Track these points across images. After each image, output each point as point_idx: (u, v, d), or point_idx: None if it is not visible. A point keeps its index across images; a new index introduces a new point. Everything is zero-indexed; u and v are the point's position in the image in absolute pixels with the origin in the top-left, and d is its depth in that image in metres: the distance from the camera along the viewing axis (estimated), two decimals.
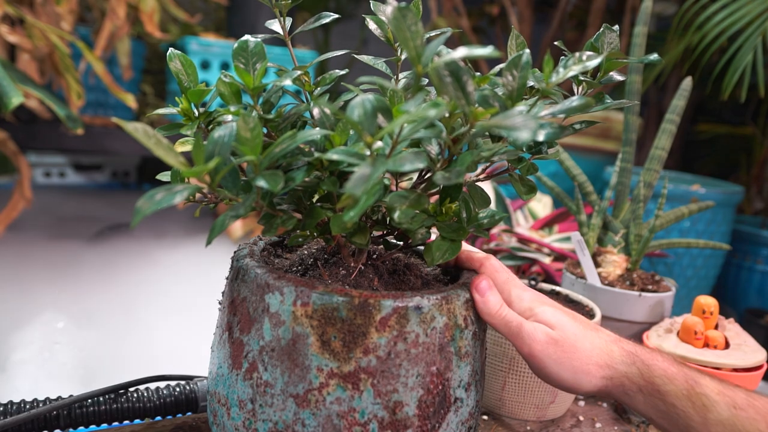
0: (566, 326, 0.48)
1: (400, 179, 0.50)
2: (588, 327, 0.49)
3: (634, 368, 0.47)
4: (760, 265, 1.87)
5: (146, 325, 1.42)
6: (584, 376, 0.47)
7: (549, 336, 0.47)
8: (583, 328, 0.49)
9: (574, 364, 0.47)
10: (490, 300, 0.47)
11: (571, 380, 0.47)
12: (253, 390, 0.43)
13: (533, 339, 0.47)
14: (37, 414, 0.54)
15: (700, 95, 2.45)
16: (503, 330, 0.48)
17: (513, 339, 0.48)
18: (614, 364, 0.48)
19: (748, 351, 0.70)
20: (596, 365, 0.47)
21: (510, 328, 0.48)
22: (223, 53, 1.87)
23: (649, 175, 0.88)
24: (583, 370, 0.47)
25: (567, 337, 0.47)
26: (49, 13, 1.51)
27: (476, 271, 0.51)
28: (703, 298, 0.75)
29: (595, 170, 1.82)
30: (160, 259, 1.81)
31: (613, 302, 0.80)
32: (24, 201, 1.55)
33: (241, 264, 0.46)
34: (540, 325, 0.48)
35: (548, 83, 0.41)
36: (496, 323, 0.48)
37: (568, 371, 0.47)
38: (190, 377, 0.65)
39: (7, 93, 1.21)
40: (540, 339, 0.47)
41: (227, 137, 0.37)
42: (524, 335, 0.47)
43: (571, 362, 0.47)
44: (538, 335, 0.47)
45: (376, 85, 0.41)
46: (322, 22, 0.51)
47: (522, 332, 0.47)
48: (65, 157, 2.59)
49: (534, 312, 0.49)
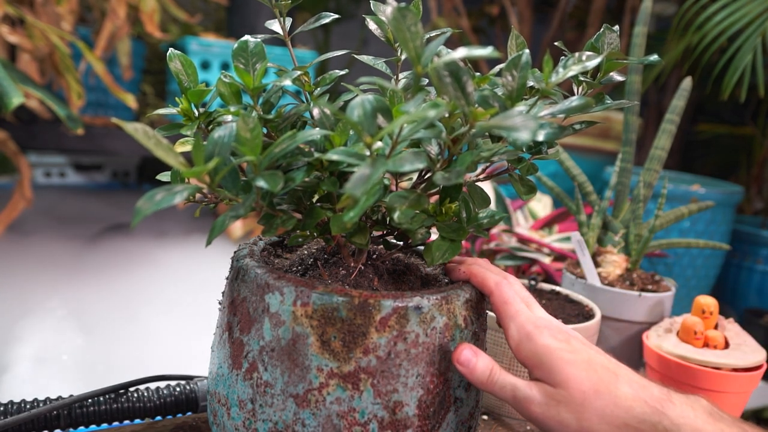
0: (573, 383, 0.41)
1: (400, 179, 0.50)
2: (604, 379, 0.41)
3: (660, 428, 0.39)
4: (760, 265, 1.86)
5: (146, 324, 1.43)
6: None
7: (549, 397, 0.41)
8: (597, 381, 0.41)
9: (583, 425, 0.40)
10: (478, 369, 0.43)
11: None
12: (253, 390, 0.43)
13: (530, 402, 0.41)
14: (37, 414, 0.55)
15: (700, 95, 2.45)
16: (500, 397, 0.43)
17: (511, 404, 0.43)
18: (634, 423, 0.40)
19: (748, 351, 0.70)
20: (609, 426, 0.40)
21: (505, 394, 0.43)
22: (223, 53, 1.87)
23: (648, 175, 0.88)
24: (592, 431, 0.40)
25: (572, 397, 0.40)
26: (50, 14, 1.51)
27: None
28: (702, 298, 0.75)
29: (595, 170, 1.82)
30: (160, 259, 1.81)
31: (613, 302, 0.80)
32: (24, 201, 1.55)
33: (241, 264, 0.46)
34: (536, 385, 0.42)
35: (548, 83, 0.41)
36: (490, 392, 0.43)
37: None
38: (190, 377, 0.65)
39: (8, 93, 1.21)
40: (538, 401, 0.41)
41: (227, 137, 0.37)
42: (519, 400, 0.42)
43: (579, 423, 0.40)
44: (536, 397, 0.41)
45: (376, 85, 0.41)
46: (322, 22, 0.51)
47: (516, 397, 0.42)
48: (65, 157, 2.59)
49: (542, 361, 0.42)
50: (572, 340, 0.43)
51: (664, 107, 2.39)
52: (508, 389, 0.42)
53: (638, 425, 0.39)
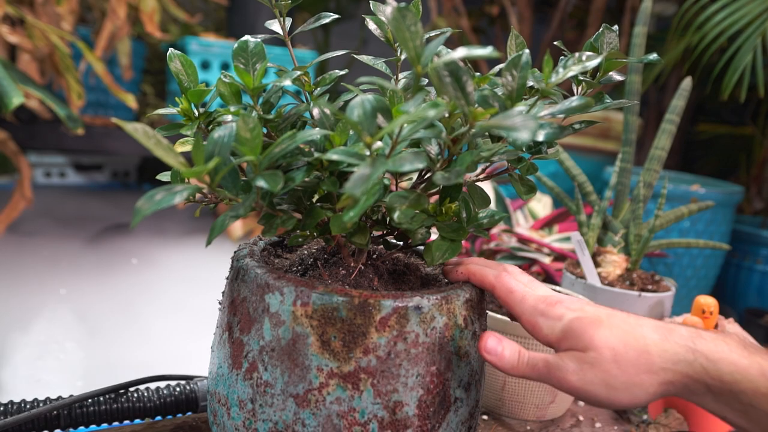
0: (600, 342, 0.40)
1: (400, 179, 0.50)
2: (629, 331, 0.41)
3: (696, 365, 0.39)
4: (760, 265, 1.87)
5: (146, 324, 1.43)
6: (637, 389, 0.40)
7: (582, 362, 0.40)
8: (622, 335, 0.40)
9: (622, 380, 0.40)
10: (506, 356, 0.43)
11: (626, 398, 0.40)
12: (253, 390, 0.43)
13: (565, 372, 0.41)
14: (37, 414, 0.55)
15: (700, 95, 2.45)
16: (534, 377, 0.43)
17: (547, 381, 0.42)
18: (670, 366, 0.39)
19: None
20: (648, 373, 0.39)
21: (540, 372, 0.42)
22: (223, 53, 1.87)
23: (648, 175, 0.88)
24: (634, 384, 0.40)
25: (604, 356, 0.40)
26: (50, 14, 1.51)
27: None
28: (702, 298, 0.75)
29: (595, 170, 1.82)
30: (160, 259, 1.81)
31: (613, 302, 0.80)
32: (24, 201, 1.56)
33: (241, 264, 0.46)
34: (566, 354, 0.41)
35: (548, 83, 0.41)
36: (521, 374, 0.43)
37: (617, 391, 0.40)
38: (190, 377, 0.65)
39: (8, 93, 1.21)
40: (572, 369, 0.41)
41: (227, 137, 0.37)
42: (554, 373, 0.41)
43: (618, 380, 0.40)
44: (569, 366, 0.41)
45: (375, 85, 0.41)
46: (322, 22, 0.51)
47: (550, 371, 0.42)
48: (65, 157, 2.60)
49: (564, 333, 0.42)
50: (586, 305, 0.43)
51: (664, 107, 2.39)
52: (541, 365, 0.42)
53: (674, 367, 0.39)
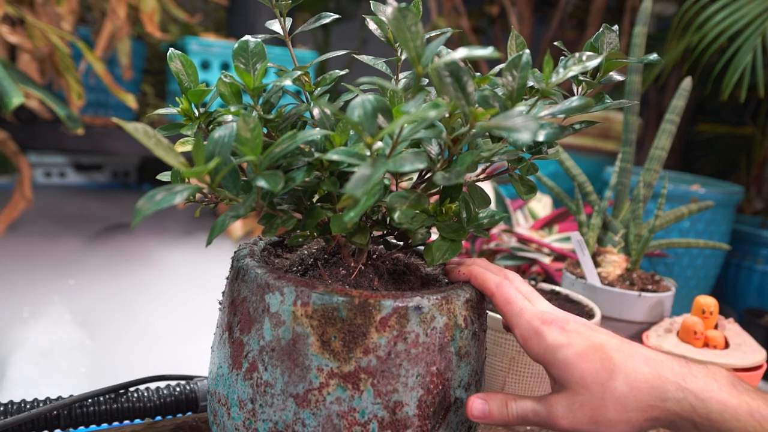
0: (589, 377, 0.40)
1: (400, 179, 0.50)
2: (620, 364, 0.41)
3: (685, 404, 0.39)
4: (760, 265, 1.87)
5: (146, 324, 1.43)
6: (624, 425, 0.40)
7: (572, 404, 0.41)
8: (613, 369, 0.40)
9: (610, 418, 0.40)
10: (494, 413, 0.43)
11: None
12: (253, 390, 0.43)
13: (555, 417, 0.41)
14: (37, 414, 0.55)
15: (700, 95, 2.45)
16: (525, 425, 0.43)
17: (538, 426, 0.43)
18: (659, 403, 0.40)
19: (748, 351, 0.70)
20: (636, 411, 0.40)
21: (529, 421, 0.43)
22: (223, 53, 1.87)
23: (648, 175, 0.88)
24: (621, 420, 0.40)
25: (593, 393, 0.40)
26: (50, 14, 1.51)
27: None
28: (702, 298, 0.75)
29: (595, 170, 1.82)
30: (160, 259, 1.81)
31: (613, 302, 0.80)
32: (24, 201, 1.56)
33: (242, 264, 0.46)
34: (553, 398, 0.42)
35: (548, 83, 0.41)
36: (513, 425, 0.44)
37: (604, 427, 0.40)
38: (190, 377, 0.65)
39: (8, 93, 1.21)
40: (562, 414, 0.41)
41: (227, 137, 0.37)
42: (544, 420, 0.42)
43: (606, 417, 0.40)
44: (559, 411, 0.41)
45: (376, 85, 0.41)
46: (322, 22, 0.51)
47: (540, 420, 0.42)
48: (65, 157, 2.60)
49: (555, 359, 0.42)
50: (581, 328, 0.43)
51: (664, 107, 2.39)
52: (531, 416, 0.43)
53: (662, 404, 0.39)
